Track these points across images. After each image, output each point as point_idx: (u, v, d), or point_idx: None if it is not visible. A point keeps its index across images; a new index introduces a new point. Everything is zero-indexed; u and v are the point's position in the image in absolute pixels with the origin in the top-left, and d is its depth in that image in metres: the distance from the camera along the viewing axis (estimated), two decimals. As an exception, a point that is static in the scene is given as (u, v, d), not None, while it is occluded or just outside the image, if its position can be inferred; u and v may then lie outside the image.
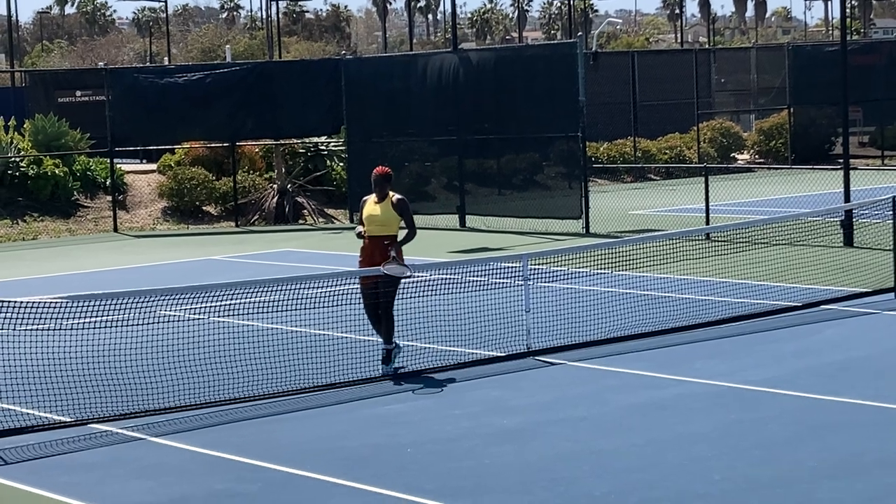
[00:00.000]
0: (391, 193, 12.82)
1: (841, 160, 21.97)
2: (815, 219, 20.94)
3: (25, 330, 11.71)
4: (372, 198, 12.80)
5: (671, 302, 15.62)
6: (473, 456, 9.84)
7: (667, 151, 37.74)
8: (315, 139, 31.25)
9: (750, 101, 43.74)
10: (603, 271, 16.79)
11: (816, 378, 12.00)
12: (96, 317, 12.09)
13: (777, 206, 24.96)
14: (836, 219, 20.96)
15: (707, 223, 22.45)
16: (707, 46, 58.02)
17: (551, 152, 26.87)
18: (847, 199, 20.99)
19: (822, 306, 15.37)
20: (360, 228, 12.74)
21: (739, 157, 40.18)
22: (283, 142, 30.60)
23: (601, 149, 36.50)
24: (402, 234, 12.81)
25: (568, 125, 25.23)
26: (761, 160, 39.52)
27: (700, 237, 20.70)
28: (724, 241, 20.79)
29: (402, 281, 12.68)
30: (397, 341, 12.69)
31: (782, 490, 8.72)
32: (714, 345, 13.61)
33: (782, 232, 20.32)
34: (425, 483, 9.14)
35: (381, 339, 12.70)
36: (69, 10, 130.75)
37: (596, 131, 34.22)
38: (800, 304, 15.38)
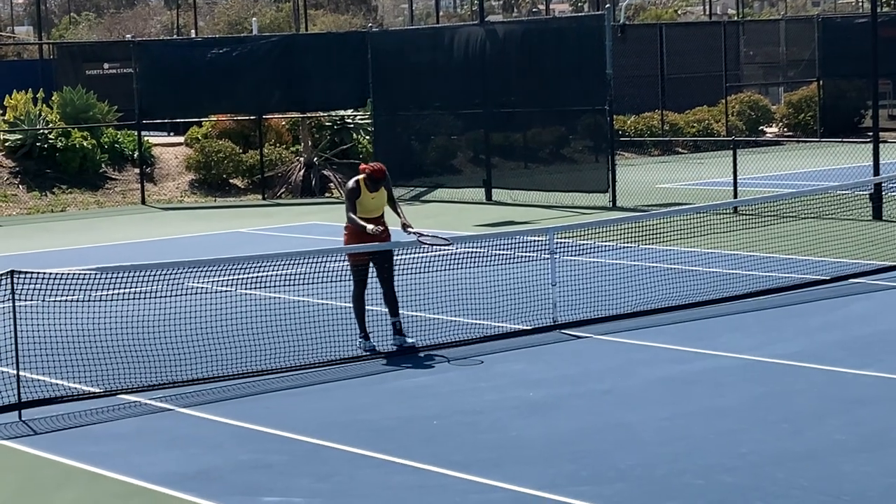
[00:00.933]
0: None
1: (870, 133, 21.87)
2: (843, 192, 20.83)
3: (54, 301, 11.78)
4: (363, 186, 12.50)
5: (698, 276, 15.59)
6: (499, 428, 9.86)
7: (695, 125, 37.57)
8: (341, 112, 31.22)
9: (779, 73, 43.49)
10: (629, 245, 16.76)
11: (844, 352, 11.96)
12: (124, 288, 12.15)
13: (806, 180, 24.84)
14: (865, 192, 20.84)
15: (735, 197, 22.36)
16: (736, 18, 57.65)
17: (578, 125, 26.79)
18: (876, 173, 20.88)
19: (851, 280, 15.31)
20: (370, 227, 12.39)
21: (768, 130, 39.99)
22: (309, 115, 30.61)
23: (628, 122, 36.37)
24: (394, 210, 12.73)
25: (595, 98, 25.13)
26: (790, 133, 39.31)
27: (728, 211, 20.63)
28: (752, 215, 20.72)
29: (427, 254, 12.67)
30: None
31: (809, 463, 8.71)
32: (741, 318, 13.57)
33: (811, 205, 20.24)
34: (452, 455, 9.16)
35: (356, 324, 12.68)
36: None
37: (623, 104, 34.07)
38: (828, 278, 15.32)
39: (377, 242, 12.41)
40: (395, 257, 12.79)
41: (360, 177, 12.58)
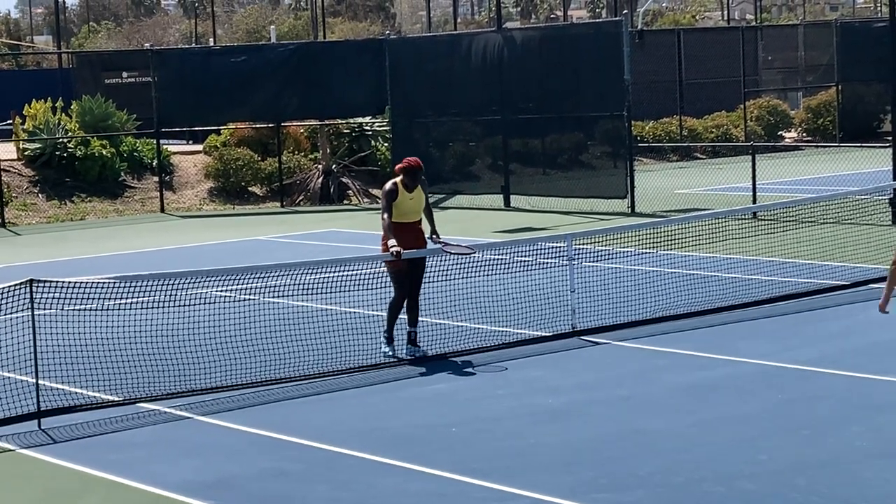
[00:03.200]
0: None
1: (890, 137, 21.79)
2: (863, 197, 20.75)
3: (74, 310, 11.80)
4: (401, 188, 12.48)
5: (717, 281, 15.55)
6: (519, 435, 9.84)
7: (713, 130, 37.49)
8: (359, 119, 31.26)
9: (797, 78, 43.36)
10: (648, 251, 16.72)
11: (864, 357, 11.91)
12: (143, 297, 12.17)
13: (825, 185, 24.76)
14: (884, 197, 20.75)
15: (754, 202, 22.30)
16: (754, 23, 57.53)
17: (596, 132, 26.76)
18: (896, 177, 20.80)
19: (870, 285, 15.22)
20: (392, 243, 12.16)
21: (787, 135, 39.87)
22: (327, 122, 30.64)
23: (647, 128, 36.32)
24: (427, 218, 12.70)
25: (613, 104, 25.11)
26: (809, 138, 39.20)
27: (747, 216, 20.59)
28: (771, 220, 20.66)
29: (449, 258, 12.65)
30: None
31: (830, 470, 8.67)
32: (761, 324, 13.53)
33: (830, 210, 20.16)
34: (471, 462, 9.15)
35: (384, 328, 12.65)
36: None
37: (641, 110, 34.03)
38: (848, 283, 15.26)
39: (405, 250, 12.26)
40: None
41: (398, 178, 12.54)
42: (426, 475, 8.94)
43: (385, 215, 12.43)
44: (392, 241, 12.23)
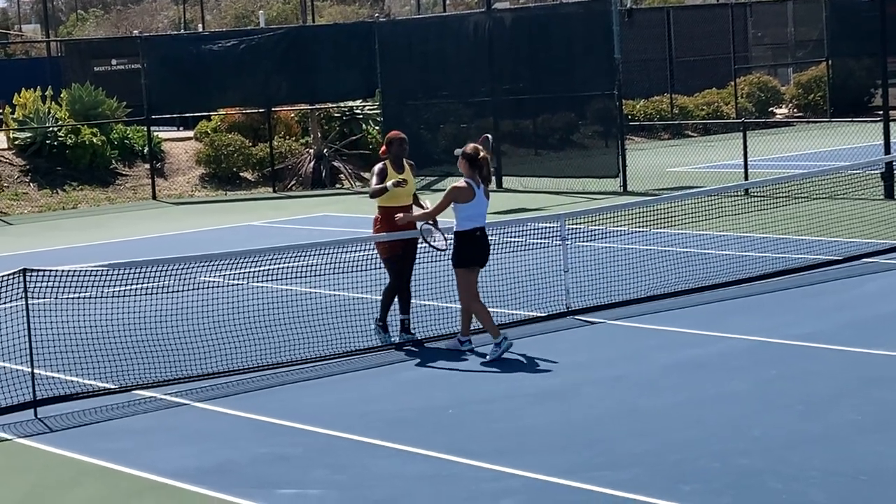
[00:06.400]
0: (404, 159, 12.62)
1: (880, 112, 21.78)
2: (855, 172, 20.78)
3: (68, 298, 11.80)
4: (390, 168, 12.33)
5: (710, 259, 15.57)
6: (514, 416, 9.86)
7: (704, 107, 37.48)
8: (350, 103, 31.23)
9: (787, 54, 43.35)
10: (641, 229, 16.74)
11: (858, 332, 11.94)
12: (137, 284, 12.17)
13: (816, 160, 24.77)
14: (876, 171, 20.78)
15: (746, 179, 22.33)
16: (743, 0, 57.44)
17: (587, 111, 26.75)
18: (887, 152, 20.82)
19: (863, 260, 15.27)
20: (390, 184, 12.11)
21: (777, 111, 39.87)
22: (318, 106, 30.60)
23: (637, 106, 36.30)
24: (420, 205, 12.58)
25: (604, 83, 25.11)
26: (800, 114, 39.20)
27: (739, 193, 20.61)
28: (764, 197, 20.68)
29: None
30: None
31: (824, 445, 8.70)
32: (754, 301, 13.55)
33: (822, 186, 20.18)
34: (467, 444, 9.17)
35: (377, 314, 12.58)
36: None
37: (632, 89, 34.01)
38: (840, 258, 15.29)
39: (397, 233, 12.22)
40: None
41: (385, 159, 12.47)
42: (422, 457, 8.96)
43: (372, 186, 12.31)
44: (389, 183, 12.08)
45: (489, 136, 13.27)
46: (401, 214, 12.23)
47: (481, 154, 11.93)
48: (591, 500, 7.96)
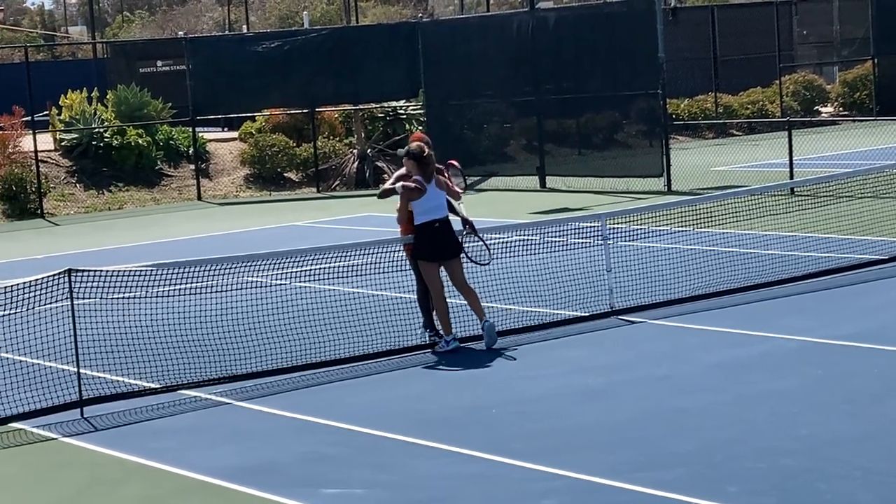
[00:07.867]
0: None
1: (927, 110, 21.58)
2: (901, 171, 20.56)
3: (114, 298, 11.88)
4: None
5: (755, 258, 15.48)
6: (558, 416, 9.85)
7: (749, 106, 37.29)
8: (393, 103, 31.29)
9: (833, 52, 43.03)
10: (685, 229, 16.67)
11: (904, 332, 11.84)
12: (182, 284, 12.24)
13: (862, 159, 24.58)
14: (922, 170, 20.58)
15: (791, 178, 22.18)
16: (788, -2, 57.10)
17: (631, 110, 26.67)
18: (934, 150, 20.62)
19: (910, 259, 15.15)
20: (399, 185, 12.20)
21: (823, 110, 39.60)
22: (361, 107, 30.68)
23: (682, 105, 36.17)
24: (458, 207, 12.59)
25: (648, 82, 25.02)
26: (845, 112, 38.91)
27: (784, 192, 20.48)
28: (808, 196, 20.55)
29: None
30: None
31: (870, 444, 8.64)
32: (799, 300, 13.47)
33: (868, 185, 20.02)
34: (511, 443, 9.16)
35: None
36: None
37: (676, 88, 33.89)
38: (886, 258, 15.17)
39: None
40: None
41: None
42: (466, 457, 8.96)
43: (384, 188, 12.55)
44: (399, 184, 12.22)
45: (455, 161, 13.26)
46: (399, 185, 12.25)
47: (426, 152, 12.22)
48: (635, 500, 7.93)
